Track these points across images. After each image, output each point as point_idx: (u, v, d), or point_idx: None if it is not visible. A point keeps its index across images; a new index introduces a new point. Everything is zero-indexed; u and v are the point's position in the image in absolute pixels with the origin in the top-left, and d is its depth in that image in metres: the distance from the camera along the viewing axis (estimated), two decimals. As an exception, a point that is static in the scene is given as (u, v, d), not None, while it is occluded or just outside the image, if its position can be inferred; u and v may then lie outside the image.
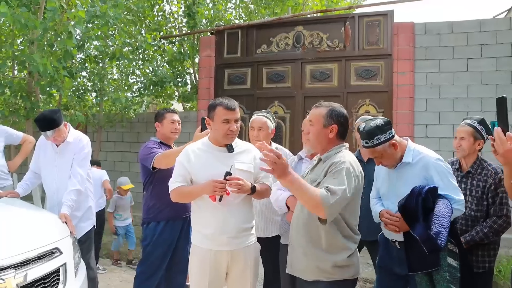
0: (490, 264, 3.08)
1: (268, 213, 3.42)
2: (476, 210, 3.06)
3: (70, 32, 5.71)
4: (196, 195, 2.71)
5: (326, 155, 2.48)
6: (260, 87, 7.15)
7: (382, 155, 2.75)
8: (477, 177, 3.08)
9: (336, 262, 2.38)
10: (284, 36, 7.01)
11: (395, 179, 2.83)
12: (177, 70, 9.01)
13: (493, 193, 3.01)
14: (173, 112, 3.79)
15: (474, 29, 5.95)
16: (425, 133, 6.08)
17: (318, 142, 2.52)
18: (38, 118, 3.71)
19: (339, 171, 2.31)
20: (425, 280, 2.73)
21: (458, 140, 3.10)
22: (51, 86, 6.21)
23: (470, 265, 2.97)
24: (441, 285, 2.65)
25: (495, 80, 5.83)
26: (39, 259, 2.69)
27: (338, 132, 2.48)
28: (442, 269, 2.63)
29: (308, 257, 2.44)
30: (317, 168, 2.52)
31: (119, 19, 6.78)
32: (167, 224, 3.59)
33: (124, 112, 8.00)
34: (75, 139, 3.82)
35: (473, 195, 3.08)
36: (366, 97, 6.43)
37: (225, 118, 2.68)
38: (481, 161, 3.13)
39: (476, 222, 3.05)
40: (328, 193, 2.22)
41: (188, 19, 9.06)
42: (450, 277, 2.64)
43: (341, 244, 2.39)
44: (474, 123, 3.09)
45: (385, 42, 6.37)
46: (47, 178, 3.82)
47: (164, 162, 3.43)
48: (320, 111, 2.52)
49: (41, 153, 3.85)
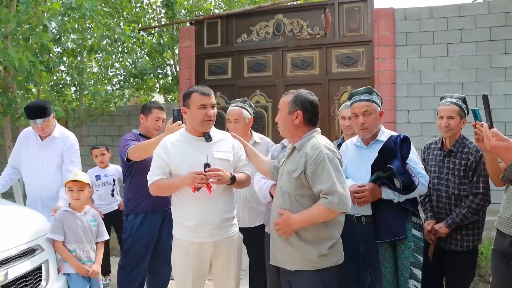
0: (474, 243, 3.10)
1: (252, 203, 3.41)
2: (458, 188, 3.07)
3: (45, 25, 5.56)
4: (176, 188, 2.68)
5: (300, 143, 2.49)
6: (241, 77, 7.09)
7: (371, 115, 2.83)
8: (459, 155, 3.09)
9: (320, 252, 2.40)
10: (264, 25, 6.96)
11: (367, 156, 2.87)
12: (157, 62, 8.91)
13: (473, 171, 3.02)
14: (161, 109, 3.72)
15: (453, 13, 5.96)
16: (407, 118, 6.11)
17: (286, 129, 2.57)
18: (29, 105, 3.66)
19: (320, 162, 2.33)
20: (389, 251, 2.79)
21: (446, 120, 3.06)
22: (28, 81, 6.06)
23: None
24: (406, 253, 2.75)
25: (475, 64, 5.86)
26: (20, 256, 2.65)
27: (305, 118, 2.49)
28: (407, 239, 2.75)
29: (291, 248, 2.44)
30: (292, 157, 2.52)
31: (96, 11, 6.64)
32: (146, 216, 3.56)
33: (105, 106, 7.88)
34: (61, 134, 3.79)
35: (455, 174, 3.08)
36: (347, 84, 6.42)
37: (201, 104, 2.66)
38: (463, 140, 3.13)
39: (459, 200, 3.07)
40: (327, 198, 2.28)
41: (167, 9, 8.94)
42: (415, 246, 2.76)
43: (325, 234, 2.42)
44: (459, 101, 3.08)
45: (365, 29, 6.35)
46: (28, 172, 3.75)
47: (136, 154, 3.39)
48: (286, 98, 2.56)
49: (23, 147, 3.77)
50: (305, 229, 2.40)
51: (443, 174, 3.15)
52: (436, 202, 3.20)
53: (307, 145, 2.43)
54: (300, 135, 2.51)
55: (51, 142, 3.73)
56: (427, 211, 3.26)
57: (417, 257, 2.75)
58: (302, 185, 2.41)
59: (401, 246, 2.76)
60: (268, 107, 6.90)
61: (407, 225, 2.77)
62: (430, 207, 3.25)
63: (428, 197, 3.27)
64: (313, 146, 2.39)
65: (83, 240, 3.18)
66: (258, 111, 6.66)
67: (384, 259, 2.79)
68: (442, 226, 3.07)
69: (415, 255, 2.75)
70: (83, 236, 3.18)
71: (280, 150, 3.22)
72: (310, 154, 2.36)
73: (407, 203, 2.80)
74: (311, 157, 2.35)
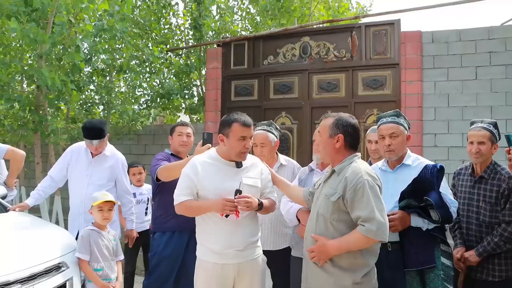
0: (507, 273, 2.98)
1: (277, 225, 3.37)
2: (490, 216, 2.98)
3: (78, 46, 5.75)
4: (203, 211, 2.67)
5: (340, 167, 2.44)
6: (267, 98, 7.12)
7: (398, 137, 2.79)
8: (490, 182, 3.00)
9: (355, 279, 2.32)
10: (291, 47, 7.01)
11: (393, 181, 2.81)
12: (184, 82, 9.02)
13: (506, 198, 2.93)
14: (183, 125, 3.77)
15: (482, 36, 5.90)
16: (434, 142, 6.01)
17: (326, 152, 2.51)
18: (87, 126, 3.76)
19: (360, 188, 2.28)
20: (416, 280, 2.71)
21: (477, 145, 2.98)
22: (59, 99, 6.24)
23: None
24: (435, 283, 2.66)
25: (505, 87, 5.75)
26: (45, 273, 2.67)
27: (346, 141, 2.44)
28: (436, 268, 2.67)
29: (325, 274, 2.38)
30: (331, 181, 2.47)
31: (126, 32, 6.81)
32: (173, 235, 3.54)
33: (131, 125, 8.00)
34: (111, 153, 3.94)
35: (486, 201, 3.00)
36: (374, 107, 6.38)
37: (242, 135, 2.63)
38: (494, 165, 3.04)
39: (491, 228, 2.97)
40: (365, 225, 2.23)
41: (195, 31, 9.09)
42: (444, 275, 2.67)
43: (360, 262, 2.35)
44: (490, 126, 3.01)
45: (392, 51, 6.33)
46: (75, 185, 3.84)
47: (164, 175, 3.40)
48: (327, 121, 2.50)
49: (73, 161, 3.87)
50: (340, 256, 2.34)
51: (473, 201, 3.07)
52: (466, 229, 3.12)
53: (347, 169, 2.38)
54: (341, 159, 2.45)
55: (102, 160, 3.86)
56: (457, 238, 3.17)
57: (447, 286, 2.67)
58: (339, 210, 2.35)
59: (430, 275, 2.68)
60: (293, 129, 6.90)
61: (436, 253, 2.69)
62: (459, 234, 3.16)
63: (457, 224, 3.18)
64: (353, 171, 2.34)
65: (108, 258, 3.20)
66: (283, 133, 6.65)
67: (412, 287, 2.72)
68: (473, 254, 2.97)
69: (444, 284, 2.66)
70: (108, 254, 3.21)
71: (307, 173, 3.18)
72: (350, 179, 2.31)
73: (435, 230, 2.73)
74: (351, 182, 2.30)
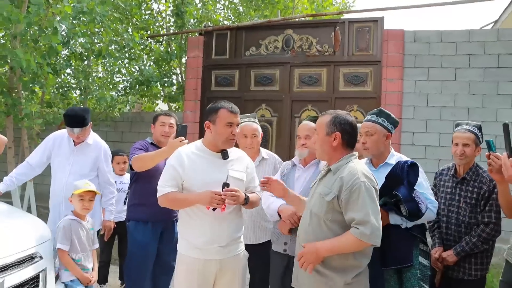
0: (482, 272, 3.06)
1: (258, 219, 3.37)
2: (469, 217, 3.04)
3: (55, 27, 5.54)
4: (189, 204, 2.62)
5: (336, 166, 2.39)
6: (248, 90, 7.07)
7: (373, 136, 2.84)
8: (472, 184, 3.06)
9: (346, 280, 2.30)
10: (274, 39, 6.96)
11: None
12: (163, 70, 8.88)
13: (486, 200, 2.99)
14: (166, 115, 3.70)
15: (463, 38, 5.97)
16: (411, 140, 6.09)
17: (323, 150, 2.46)
18: (69, 113, 3.69)
19: (355, 189, 2.24)
20: (394, 278, 2.76)
21: (461, 147, 3.02)
22: (34, 82, 6.03)
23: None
24: (412, 282, 2.70)
25: (482, 90, 5.85)
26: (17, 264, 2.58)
27: (343, 140, 2.40)
28: (413, 267, 2.72)
29: (316, 274, 2.35)
30: (326, 180, 2.43)
31: (106, 16, 6.62)
32: (147, 224, 3.51)
33: (109, 111, 7.84)
34: (94, 142, 3.88)
35: (467, 202, 3.06)
36: (354, 103, 6.41)
37: (229, 122, 2.62)
38: (476, 168, 3.10)
39: (469, 229, 3.03)
40: (358, 228, 2.18)
41: (176, 18, 8.93)
42: (421, 274, 2.73)
43: (352, 263, 2.32)
44: (475, 129, 3.06)
45: (374, 49, 6.36)
46: (57, 174, 3.79)
47: (137, 165, 3.37)
48: (324, 118, 2.46)
49: (55, 148, 3.80)
50: (331, 256, 2.30)
51: (454, 201, 3.13)
52: (445, 229, 3.17)
53: (344, 169, 2.34)
54: (338, 158, 2.41)
55: (84, 148, 3.80)
56: (435, 238, 3.23)
57: (423, 286, 2.71)
58: (333, 210, 2.31)
59: (406, 274, 2.72)
60: (273, 122, 6.88)
61: (414, 252, 2.73)
62: (438, 234, 3.22)
63: (437, 224, 3.24)
64: (350, 171, 2.29)
65: (87, 248, 3.17)
66: (263, 125, 6.61)
67: (389, 286, 2.75)
68: (451, 254, 3.02)
69: (421, 283, 2.71)
70: (87, 244, 3.18)
71: (290, 168, 3.16)
72: (347, 180, 2.27)
73: (415, 230, 2.76)
74: (347, 183, 2.26)
